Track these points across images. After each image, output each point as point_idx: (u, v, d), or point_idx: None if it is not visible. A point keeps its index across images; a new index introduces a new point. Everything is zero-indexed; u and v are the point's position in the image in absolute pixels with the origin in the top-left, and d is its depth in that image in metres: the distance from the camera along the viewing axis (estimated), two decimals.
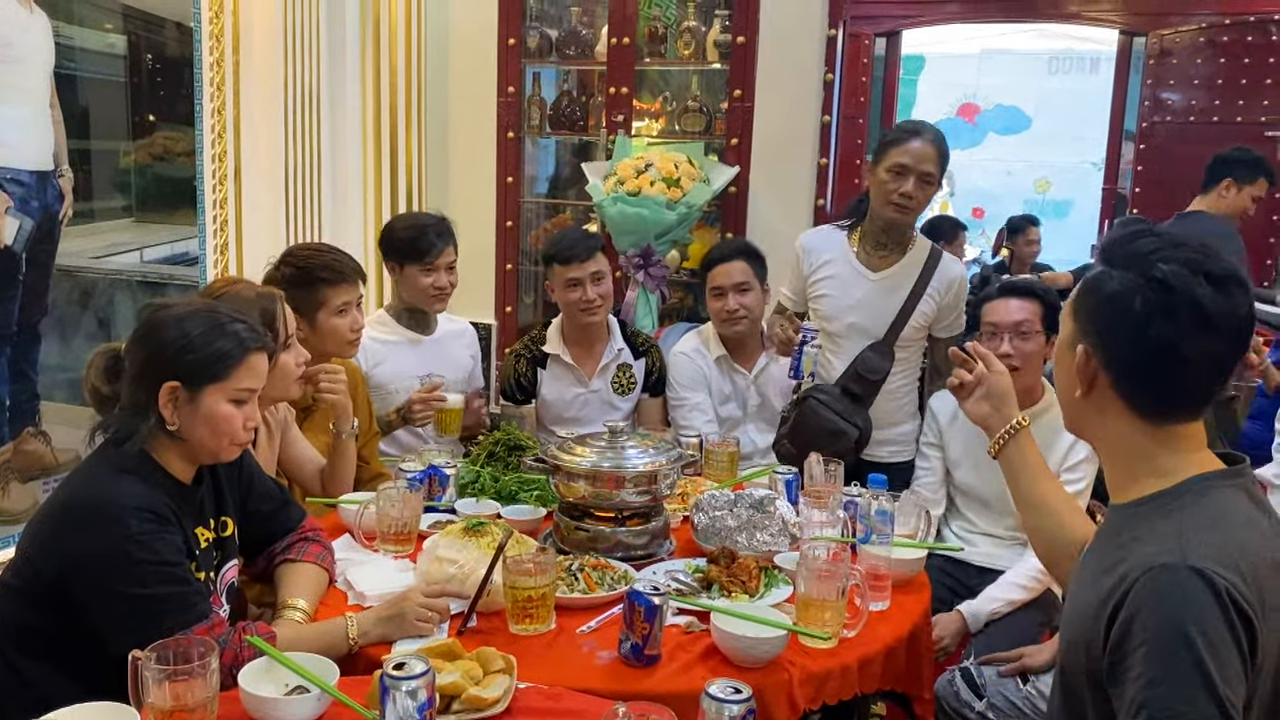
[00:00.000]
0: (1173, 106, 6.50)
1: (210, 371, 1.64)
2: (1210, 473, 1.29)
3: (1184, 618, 1.14)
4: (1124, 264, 1.27)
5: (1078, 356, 1.31)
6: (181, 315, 1.67)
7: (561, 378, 3.07)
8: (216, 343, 1.65)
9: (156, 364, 1.63)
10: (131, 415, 1.63)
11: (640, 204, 3.75)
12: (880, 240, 2.74)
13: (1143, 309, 1.24)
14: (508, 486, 2.37)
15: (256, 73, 3.10)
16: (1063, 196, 10.51)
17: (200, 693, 1.34)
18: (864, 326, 2.72)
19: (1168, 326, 1.23)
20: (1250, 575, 1.18)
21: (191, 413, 1.64)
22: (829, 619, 1.72)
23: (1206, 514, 1.24)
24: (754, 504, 2.12)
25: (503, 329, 4.37)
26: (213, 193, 2.96)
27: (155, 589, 1.54)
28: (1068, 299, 1.39)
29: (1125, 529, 1.29)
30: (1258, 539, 1.24)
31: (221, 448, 1.69)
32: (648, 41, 4.19)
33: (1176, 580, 1.17)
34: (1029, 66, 10.52)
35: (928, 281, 2.71)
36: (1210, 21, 6.29)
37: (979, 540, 2.61)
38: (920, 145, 2.62)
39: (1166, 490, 1.28)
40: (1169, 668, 1.14)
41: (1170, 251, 1.25)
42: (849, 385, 2.72)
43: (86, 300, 2.58)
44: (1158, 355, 1.25)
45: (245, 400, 1.69)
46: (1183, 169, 6.39)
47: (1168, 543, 1.21)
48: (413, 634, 1.68)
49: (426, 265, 2.85)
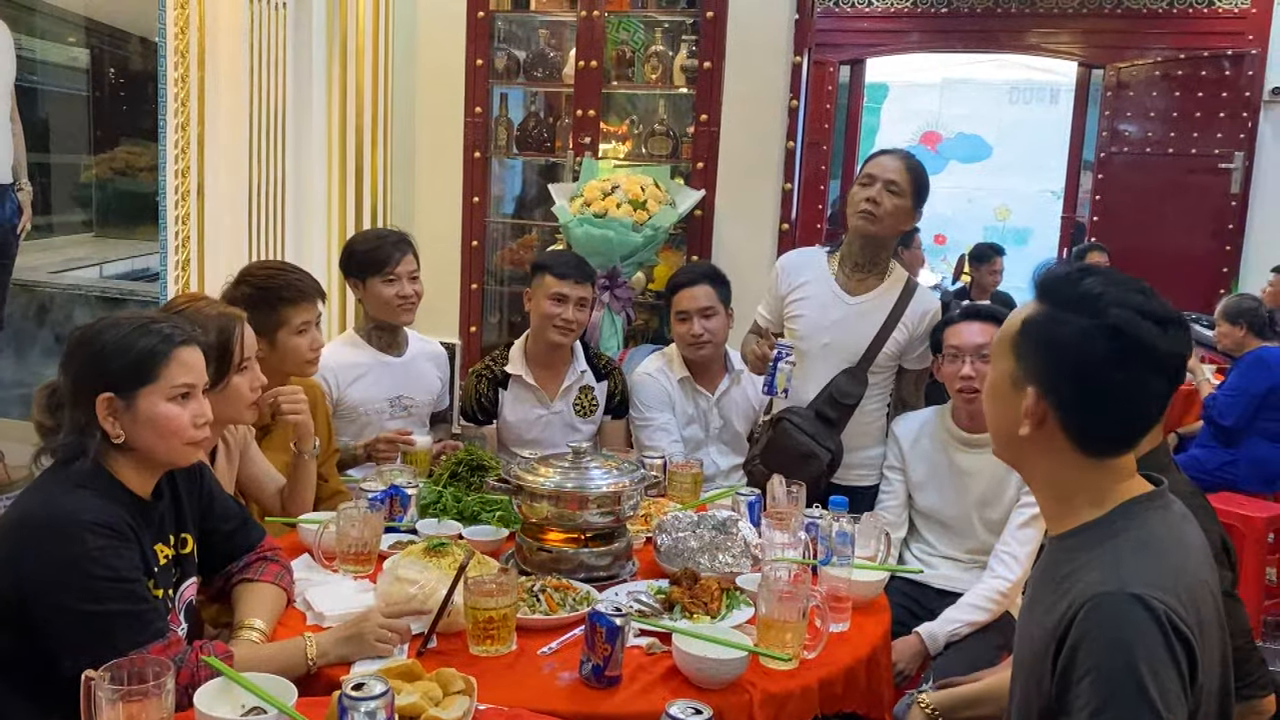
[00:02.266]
0: (1129, 138, 6.64)
1: (140, 374, 1.61)
2: (1138, 497, 1.32)
3: (1126, 645, 1.17)
4: (1074, 307, 1.29)
5: (1027, 398, 1.31)
6: (102, 327, 1.64)
7: (523, 399, 3.06)
8: (139, 344, 1.62)
9: (87, 379, 1.60)
10: (76, 437, 1.60)
11: (606, 226, 3.77)
12: (858, 262, 2.76)
13: (1100, 355, 1.26)
14: (470, 507, 2.35)
15: (221, 89, 3.09)
16: (1023, 224, 10.67)
17: (155, 713, 1.31)
18: (838, 348, 2.74)
19: (1122, 371, 1.26)
20: (1186, 596, 1.22)
21: (133, 421, 1.61)
22: (790, 640, 1.73)
23: (1140, 539, 1.27)
24: (716, 525, 2.12)
25: (467, 349, 4.36)
26: (175, 209, 2.93)
27: (109, 605, 1.51)
28: (1001, 335, 1.38)
29: (1065, 560, 1.32)
30: (1189, 559, 1.28)
31: (174, 450, 1.65)
32: (615, 65, 4.22)
33: (1117, 608, 1.19)
34: (990, 96, 10.70)
35: (903, 310, 2.74)
36: (1165, 55, 6.44)
37: (939, 563, 2.63)
38: (889, 159, 2.70)
39: (1100, 518, 1.31)
40: (1114, 695, 1.16)
41: (1118, 293, 1.27)
42: (822, 409, 2.73)
43: (43, 316, 2.55)
44: (1112, 398, 1.28)
45: (187, 395, 1.65)
46: (1139, 199, 6.54)
47: (1106, 571, 1.24)
48: (372, 654, 1.67)
49: (388, 276, 2.83)
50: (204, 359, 1.71)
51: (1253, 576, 3.80)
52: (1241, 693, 1.72)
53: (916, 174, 2.69)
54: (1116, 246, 6.11)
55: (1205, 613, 1.25)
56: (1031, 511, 2.43)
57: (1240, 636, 1.72)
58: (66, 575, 1.50)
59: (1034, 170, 10.25)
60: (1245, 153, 6.12)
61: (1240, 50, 6.15)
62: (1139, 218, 6.46)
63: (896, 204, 2.66)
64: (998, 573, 2.43)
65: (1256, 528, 3.88)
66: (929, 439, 2.65)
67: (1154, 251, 6.21)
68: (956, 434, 2.59)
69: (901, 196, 2.66)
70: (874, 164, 2.70)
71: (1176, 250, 6.27)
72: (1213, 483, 4.18)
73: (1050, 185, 9.60)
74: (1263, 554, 3.96)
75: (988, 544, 2.51)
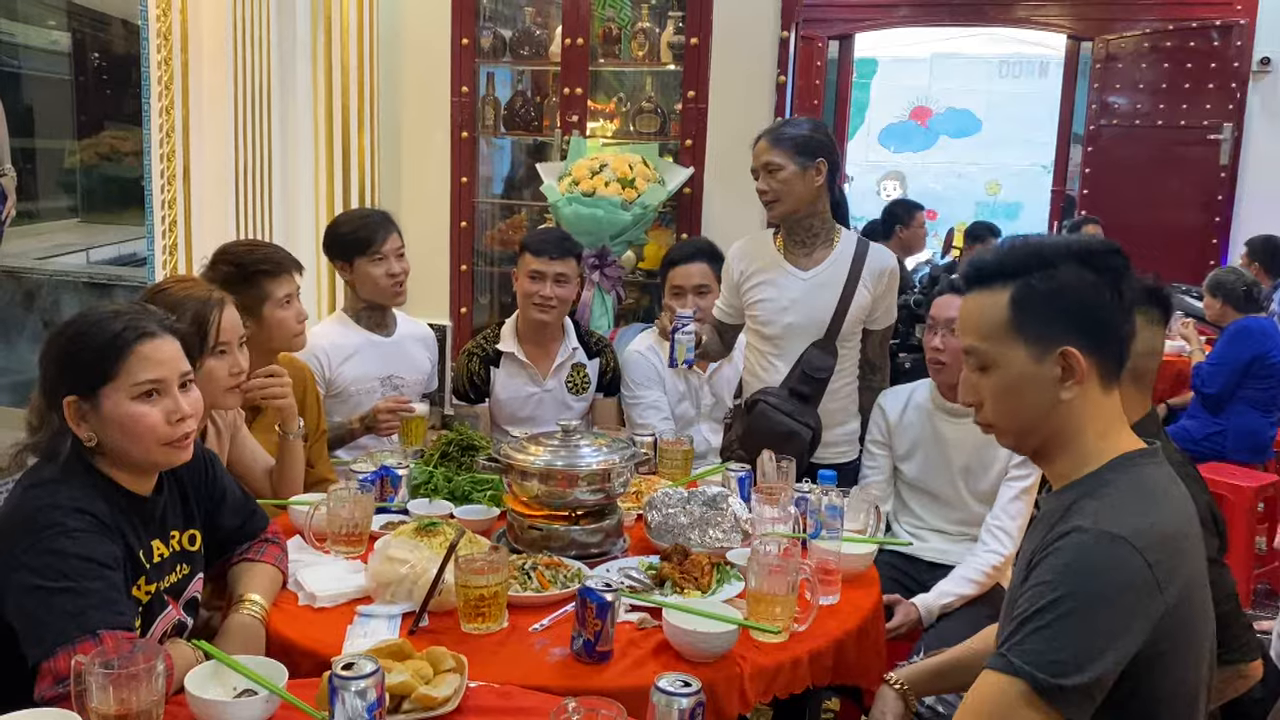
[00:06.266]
0: (1119, 110, 6.64)
1: (97, 373, 1.52)
2: (1132, 453, 1.38)
3: (1082, 570, 1.24)
4: (1041, 264, 1.37)
5: (1060, 361, 1.35)
6: (61, 328, 1.58)
7: (516, 376, 3.07)
8: (95, 341, 1.53)
9: (52, 382, 1.55)
10: (51, 438, 1.55)
11: (595, 204, 3.76)
12: (796, 238, 2.75)
13: (1090, 283, 1.35)
14: (461, 487, 2.36)
15: (205, 71, 3.06)
16: (1013, 199, 10.69)
17: (146, 696, 1.32)
18: (803, 325, 2.73)
19: (1107, 288, 1.36)
20: (1167, 545, 1.28)
21: (100, 422, 1.53)
22: (779, 613, 1.74)
23: (1128, 486, 1.33)
24: (707, 501, 2.13)
25: (458, 330, 4.35)
26: (161, 193, 2.92)
27: (83, 583, 1.45)
28: (988, 331, 1.40)
29: (1058, 511, 1.36)
30: (1174, 513, 1.34)
31: (149, 450, 1.57)
32: (602, 42, 4.20)
33: (1086, 541, 1.26)
34: (979, 70, 10.70)
35: (859, 274, 2.72)
36: (1154, 27, 6.43)
37: (928, 535, 2.64)
38: (760, 144, 2.69)
39: (1096, 470, 1.36)
40: (1050, 612, 1.24)
41: (1047, 239, 1.43)
42: (796, 386, 2.72)
43: (30, 302, 2.54)
44: (1112, 316, 1.37)
45: (156, 393, 1.55)
46: (1129, 171, 6.55)
47: (1087, 515, 1.29)
48: None
49: (375, 255, 2.82)
50: (180, 349, 1.62)
51: (1241, 545, 3.83)
52: (1226, 657, 1.74)
53: (787, 138, 2.65)
54: (1107, 220, 6.12)
55: (1187, 566, 1.30)
56: (1022, 485, 2.45)
57: (1226, 602, 1.74)
58: (40, 556, 1.45)
59: (1024, 144, 10.26)
60: (1234, 124, 6.14)
61: (1228, 21, 6.15)
62: (1129, 190, 6.48)
63: (783, 177, 2.63)
64: (990, 546, 2.44)
65: (1245, 497, 3.91)
66: (914, 409, 2.65)
67: (1144, 224, 6.24)
68: (939, 403, 2.60)
69: (783, 169, 2.63)
70: (753, 156, 2.70)
71: (1167, 222, 6.30)
72: (1201, 453, 4.21)
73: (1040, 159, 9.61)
74: (1252, 523, 3.99)
75: (976, 515, 2.53)
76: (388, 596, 1.80)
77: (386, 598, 1.80)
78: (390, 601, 1.80)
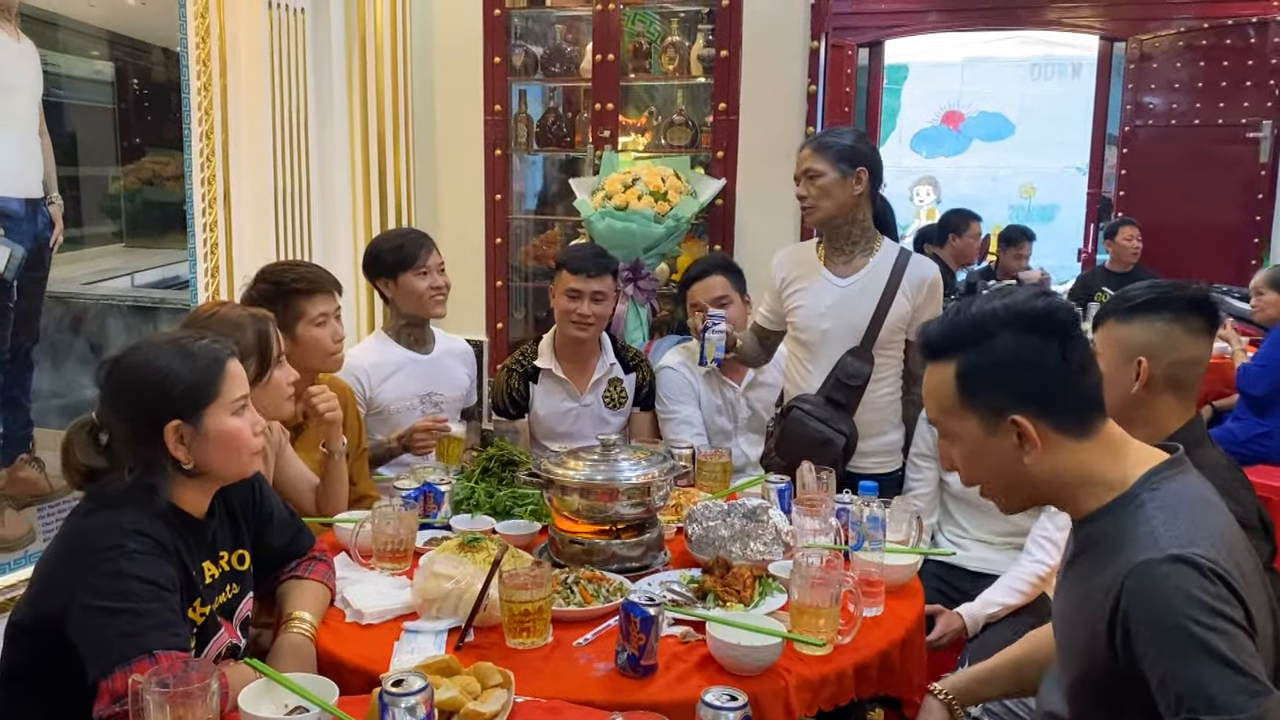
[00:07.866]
0: (1154, 110, 6.57)
1: (203, 395, 1.62)
2: (1155, 467, 1.36)
3: (1176, 604, 1.20)
4: (982, 334, 1.37)
5: (1012, 429, 1.35)
6: (145, 358, 1.63)
7: (554, 392, 3.09)
8: (194, 364, 1.62)
9: (149, 413, 1.59)
10: (147, 475, 1.60)
11: (628, 218, 3.77)
12: (836, 246, 2.76)
13: (1035, 346, 1.35)
14: (502, 502, 2.38)
15: (243, 96, 3.12)
16: (1048, 201, 10.59)
17: (202, 714, 1.34)
18: (838, 333, 2.73)
19: (1055, 344, 1.35)
20: (1222, 546, 1.26)
21: (203, 443, 1.61)
22: (823, 626, 1.74)
23: (1165, 504, 1.31)
24: (747, 514, 2.13)
25: (494, 345, 4.38)
26: (202, 216, 2.98)
27: (139, 604, 1.49)
28: (940, 409, 1.42)
29: (1098, 541, 1.35)
30: (1218, 515, 1.33)
31: (243, 462, 1.68)
32: (632, 57, 4.22)
33: (1160, 571, 1.23)
34: (1012, 73, 10.62)
35: (898, 283, 2.72)
36: (1188, 26, 6.36)
37: (971, 545, 2.63)
38: (803, 151, 2.73)
39: (1123, 495, 1.35)
40: (1181, 657, 1.19)
41: (991, 301, 1.39)
42: (831, 394, 2.72)
43: (78, 326, 2.59)
44: (1065, 371, 1.35)
45: (244, 408, 1.68)
46: (1166, 172, 6.46)
47: (1143, 541, 1.27)
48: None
49: (420, 269, 2.88)
50: (244, 368, 1.73)
51: None
52: None
53: (830, 146, 2.69)
54: (1144, 221, 6.05)
55: (1244, 562, 1.29)
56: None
57: None
58: (101, 577, 1.49)
59: (1058, 146, 10.16)
60: (1273, 121, 6.04)
61: (1265, 17, 6.06)
62: (1166, 191, 6.39)
63: (823, 184, 2.66)
64: (1036, 556, 2.42)
65: None
66: None
67: (1183, 224, 6.15)
68: None
69: (824, 175, 2.66)
70: (796, 162, 2.74)
71: (1206, 222, 6.20)
72: (1247, 455, 4.13)
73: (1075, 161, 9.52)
74: None
75: (1020, 526, 2.51)
76: (434, 612, 1.82)
77: (432, 613, 1.82)
78: (436, 617, 1.81)
